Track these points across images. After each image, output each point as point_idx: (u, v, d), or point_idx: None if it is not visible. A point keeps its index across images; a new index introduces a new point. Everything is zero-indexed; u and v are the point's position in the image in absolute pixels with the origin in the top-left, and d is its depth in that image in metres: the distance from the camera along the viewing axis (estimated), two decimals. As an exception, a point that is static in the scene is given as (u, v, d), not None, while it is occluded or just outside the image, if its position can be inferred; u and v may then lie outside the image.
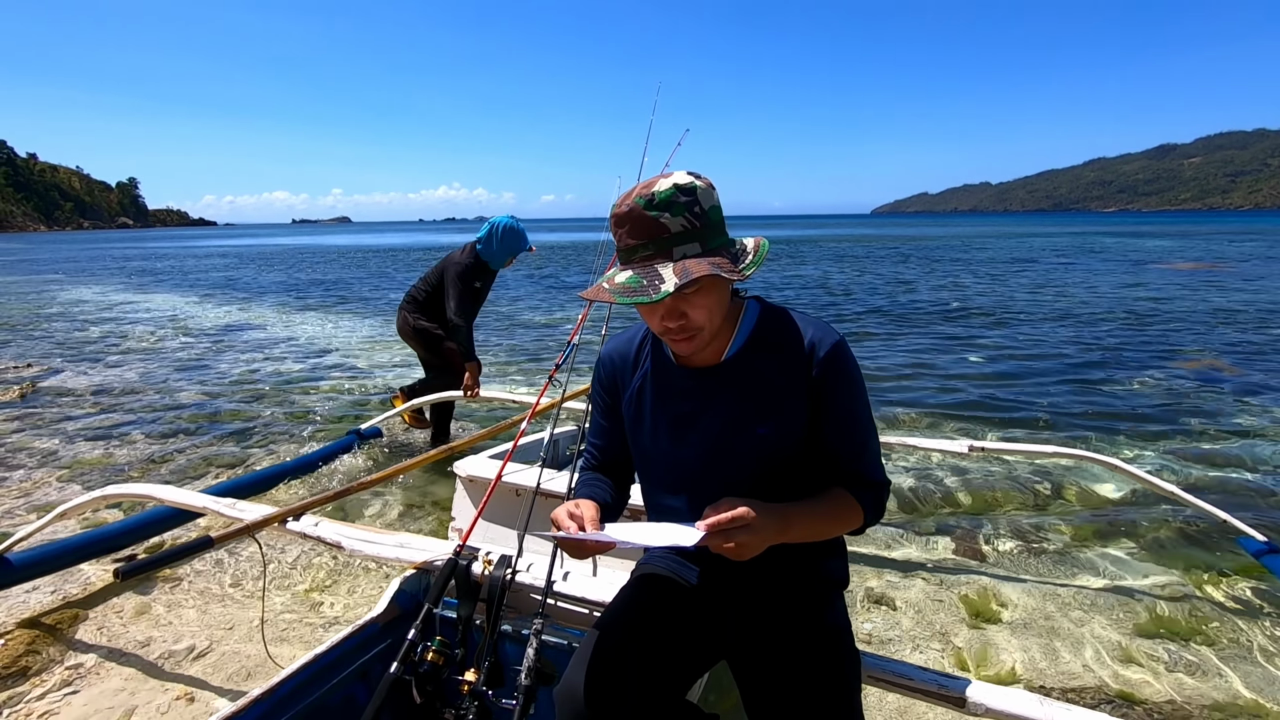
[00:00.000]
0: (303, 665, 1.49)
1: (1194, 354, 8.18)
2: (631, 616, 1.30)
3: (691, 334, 1.16)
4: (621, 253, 1.15)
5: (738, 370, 1.25)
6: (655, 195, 1.10)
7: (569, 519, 1.17)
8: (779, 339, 1.24)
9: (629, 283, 1.09)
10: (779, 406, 1.22)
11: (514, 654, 1.68)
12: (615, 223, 1.14)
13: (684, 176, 1.13)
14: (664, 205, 1.10)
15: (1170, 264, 22.20)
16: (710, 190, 1.14)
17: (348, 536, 1.96)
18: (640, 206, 1.10)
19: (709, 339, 1.19)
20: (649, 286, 1.07)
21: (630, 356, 1.37)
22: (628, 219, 1.12)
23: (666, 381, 1.31)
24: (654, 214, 1.10)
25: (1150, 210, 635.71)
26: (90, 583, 2.97)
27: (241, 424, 5.76)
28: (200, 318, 12.89)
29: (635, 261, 1.12)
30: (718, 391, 1.26)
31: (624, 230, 1.13)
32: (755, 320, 1.27)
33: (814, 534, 1.21)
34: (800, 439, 1.23)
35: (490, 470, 2.27)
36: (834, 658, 1.23)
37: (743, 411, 1.24)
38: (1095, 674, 2.46)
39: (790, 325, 1.25)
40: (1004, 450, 3.35)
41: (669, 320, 1.14)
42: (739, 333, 1.26)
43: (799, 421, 1.22)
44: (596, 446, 1.46)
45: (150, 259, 35.52)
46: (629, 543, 1.11)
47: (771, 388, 1.23)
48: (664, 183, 1.11)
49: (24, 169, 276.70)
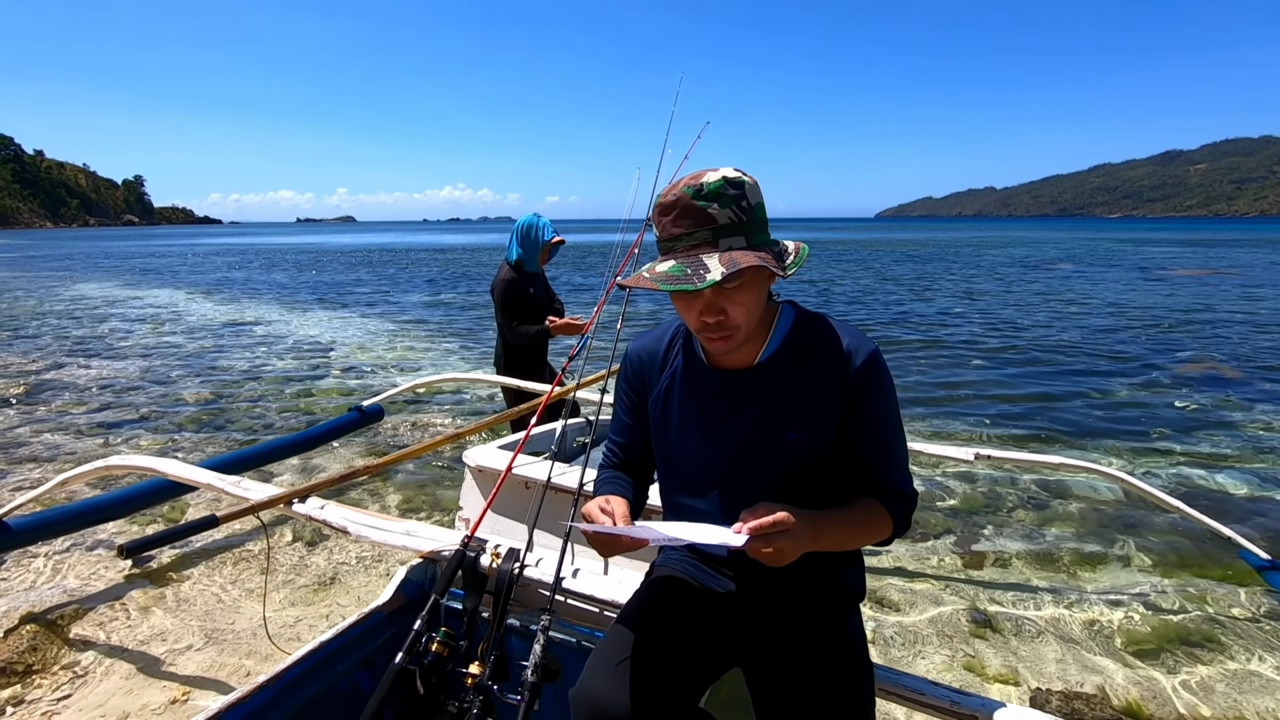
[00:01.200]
0: (308, 652, 1.47)
1: (1199, 361, 8.15)
2: (649, 621, 1.28)
3: (729, 332, 1.13)
4: (664, 241, 1.13)
5: (770, 374, 1.22)
6: (704, 186, 1.08)
7: (601, 515, 1.15)
8: (814, 345, 1.22)
9: (673, 271, 1.07)
10: (810, 413, 1.19)
11: (519, 649, 1.66)
12: (660, 211, 1.12)
13: (732, 171, 1.11)
14: (712, 196, 1.08)
15: (1175, 270, 22.13)
16: (756, 187, 1.13)
17: (354, 521, 1.93)
18: (688, 196, 1.08)
19: (744, 339, 1.16)
20: (693, 275, 1.04)
21: (659, 355, 1.34)
22: (674, 207, 1.10)
23: (697, 382, 1.28)
24: (702, 204, 1.08)
25: (1155, 216, 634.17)
26: (93, 576, 2.96)
27: (245, 418, 5.76)
28: (203, 314, 12.92)
29: (680, 251, 1.10)
30: (749, 394, 1.23)
31: (669, 219, 1.11)
32: (790, 325, 1.25)
33: (845, 543, 1.18)
34: (829, 447, 1.20)
35: (500, 461, 2.24)
36: (851, 671, 1.21)
37: (773, 416, 1.21)
38: (1100, 687, 2.44)
39: (826, 332, 1.22)
40: (1010, 459, 3.33)
41: (707, 315, 1.11)
42: (773, 336, 1.23)
43: (829, 429, 1.19)
44: (618, 444, 1.43)
45: (152, 257, 35.64)
46: (666, 539, 1.08)
47: (804, 394, 1.20)
48: (713, 175, 1.10)
49: (31, 166, 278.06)
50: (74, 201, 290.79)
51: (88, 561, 3.09)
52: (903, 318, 11.88)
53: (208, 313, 13.11)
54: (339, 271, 24.57)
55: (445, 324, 11.53)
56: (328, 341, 9.72)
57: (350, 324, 11.56)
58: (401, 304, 14.38)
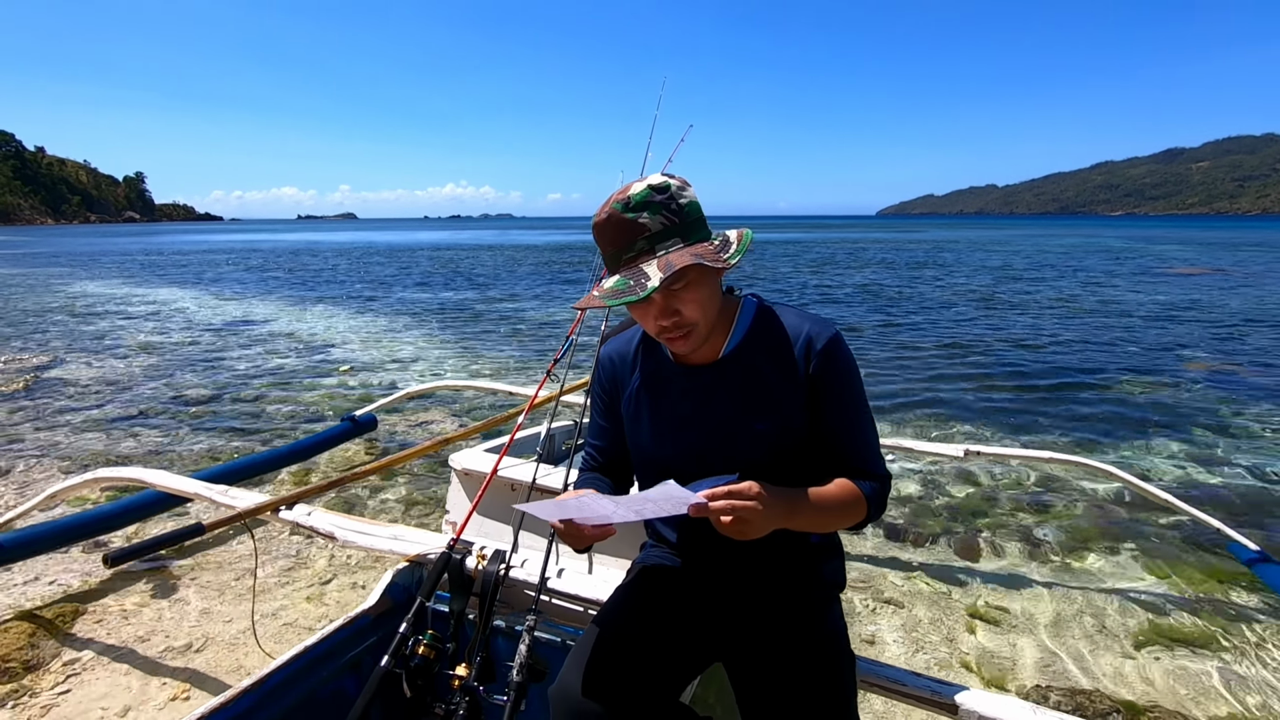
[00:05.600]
0: (293, 656, 1.48)
1: (1195, 358, 8.15)
2: (629, 616, 1.29)
3: (686, 330, 1.15)
4: (608, 259, 1.16)
5: (735, 367, 1.24)
6: (630, 199, 1.11)
7: None
8: (776, 334, 1.24)
9: (617, 286, 1.10)
10: (777, 402, 1.21)
11: (506, 649, 1.67)
12: (597, 233, 1.15)
13: (656, 177, 1.14)
14: (640, 206, 1.10)
15: (1175, 268, 22.10)
16: (685, 187, 1.15)
17: (341, 527, 1.94)
18: (618, 211, 1.11)
19: (705, 335, 1.18)
20: (635, 286, 1.07)
21: (629, 356, 1.36)
22: (607, 225, 1.13)
23: (664, 380, 1.30)
24: (631, 216, 1.10)
25: (1157, 214, 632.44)
26: (87, 577, 2.97)
27: (244, 418, 5.77)
28: (202, 312, 12.93)
29: (621, 265, 1.13)
30: (716, 389, 1.25)
31: (606, 238, 1.14)
32: (753, 317, 1.27)
33: (819, 523, 1.19)
34: (800, 434, 1.22)
35: (485, 464, 2.25)
36: (833, 663, 1.21)
37: (741, 408, 1.23)
38: (1086, 678, 2.45)
39: (786, 320, 1.25)
40: (1000, 455, 3.35)
41: (663, 319, 1.14)
42: (735, 329, 1.26)
43: (798, 417, 1.21)
44: (596, 447, 1.45)
45: (151, 253, 35.64)
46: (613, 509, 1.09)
47: (769, 383, 1.22)
48: (638, 186, 1.12)
49: (32, 162, 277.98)
50: (75, 198, 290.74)
51: (80, 564, 3.09)
52: (896, 313, 11.88)
53: (207, 310, 13.12)
54: (341, 270, 24.57)
55: (440, 325, 11.53)
56: (328, 339, 9.73)
57: (351, 322, 11.57)
58: (398, 302, 14.39)
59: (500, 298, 14.92)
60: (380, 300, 14.75)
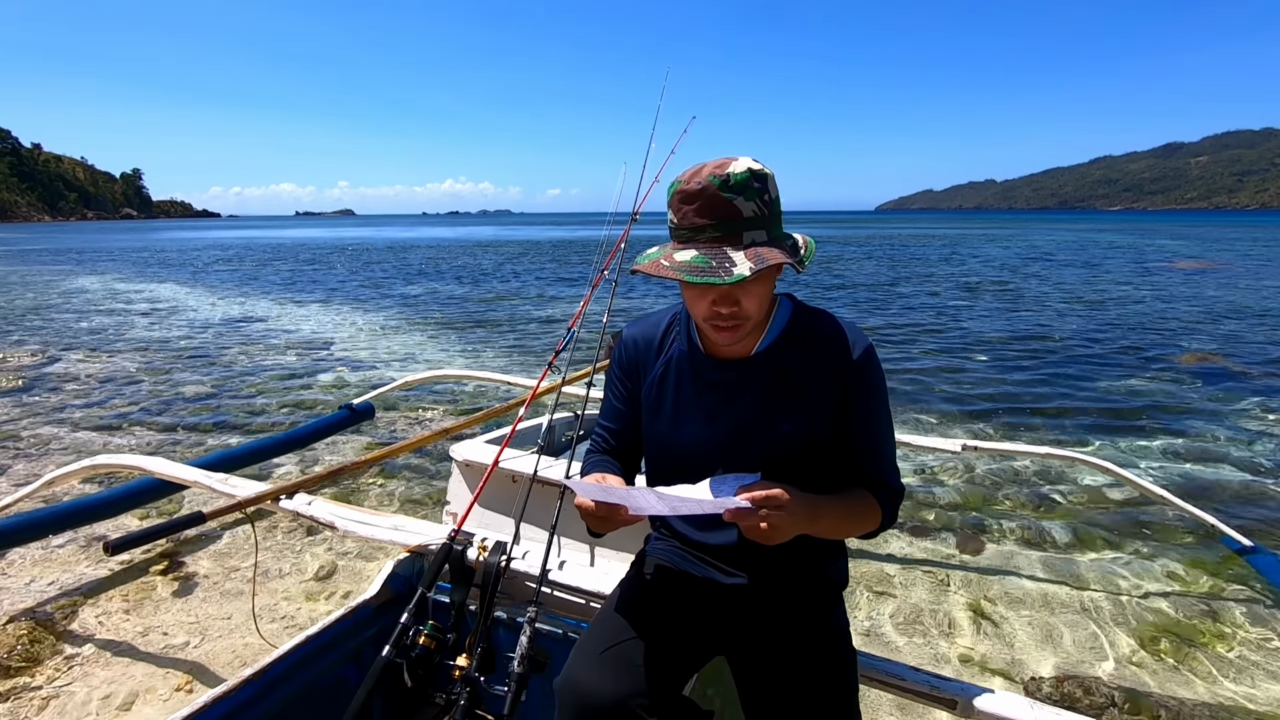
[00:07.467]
0: (294, 646, 1.48)
1: (1191, 351, 8.15)
2: (633, 609, 1.29)
3: (739, 323, 1.12)
4: (684, 230, 1.10)
5: (767, 365, 1.23)
6: (731, 177, 1.06)
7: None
8: (810, 337, 1.23)
9: (696, 262, 1.05)
10: (805, 405, 1.20)
11: (507, 640, 1.67)
12: (682, 199, 1.09)
13: (754, 163, 1.10)
14: (739, 188, 1.06)
15: (1173, 262, 22.10)
16: (774, 180, 1.13)
17: (341, 517, 1.94)
18: (715, 186, 1.06)
19: (751, 330, 1.17)
20: (719, 269, 1.03)
21: (655, 341, 1.34)
22: (699, 197, 1.07)
23: (693, 370, 1.28)
24: (729, 195, 1.06)
25: (1156, 209, 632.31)
26: (87, 570, 2.97)
27: (241, 412, 5.76)
28: (200, 308, 12.90)
29: (701, 242, 1.08)
30: (745, 384, 1.23)
31: (692, 208, 1.08)
32: (789, 317, 1.25)
33: (838, 530, 1.20)
34: (821, 439, 1.21)
35: (487, 455, 2.25)
36: (835, 660, 1.22)
37: (768, 406, 1.22)
38: (1084, 671, 2.46)
39: (822, 325, 1.23)
40: (996, 450, 3.36)
41: (721, 306, 1.10)
42: (771, 328, 1.24)
43: (822, 421, 1.20)
44: (608, 430, 1.42)
45: (148, 250, 35.56)
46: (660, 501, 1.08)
47: (798, 385, 1.21)
48: (738, 165, 1.08)
49: (29, 159, 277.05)
50: (72, 195, 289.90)
51: (80, 556, 3.09)
52: (896, 309, 11.87)
53: (205, 307, 13.09)
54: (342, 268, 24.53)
55: (439, 321, 11.52)
56: (326, 336, 9.71)
57: (349, 318, 11.55)
58: (398, 298, 14.36)
59: (499, 294, 14.90)
60: (379, 296, 14.72)
